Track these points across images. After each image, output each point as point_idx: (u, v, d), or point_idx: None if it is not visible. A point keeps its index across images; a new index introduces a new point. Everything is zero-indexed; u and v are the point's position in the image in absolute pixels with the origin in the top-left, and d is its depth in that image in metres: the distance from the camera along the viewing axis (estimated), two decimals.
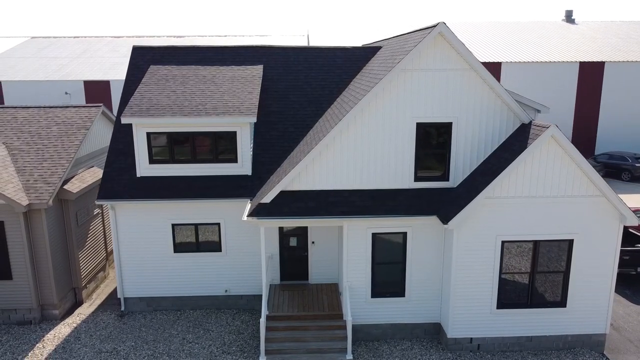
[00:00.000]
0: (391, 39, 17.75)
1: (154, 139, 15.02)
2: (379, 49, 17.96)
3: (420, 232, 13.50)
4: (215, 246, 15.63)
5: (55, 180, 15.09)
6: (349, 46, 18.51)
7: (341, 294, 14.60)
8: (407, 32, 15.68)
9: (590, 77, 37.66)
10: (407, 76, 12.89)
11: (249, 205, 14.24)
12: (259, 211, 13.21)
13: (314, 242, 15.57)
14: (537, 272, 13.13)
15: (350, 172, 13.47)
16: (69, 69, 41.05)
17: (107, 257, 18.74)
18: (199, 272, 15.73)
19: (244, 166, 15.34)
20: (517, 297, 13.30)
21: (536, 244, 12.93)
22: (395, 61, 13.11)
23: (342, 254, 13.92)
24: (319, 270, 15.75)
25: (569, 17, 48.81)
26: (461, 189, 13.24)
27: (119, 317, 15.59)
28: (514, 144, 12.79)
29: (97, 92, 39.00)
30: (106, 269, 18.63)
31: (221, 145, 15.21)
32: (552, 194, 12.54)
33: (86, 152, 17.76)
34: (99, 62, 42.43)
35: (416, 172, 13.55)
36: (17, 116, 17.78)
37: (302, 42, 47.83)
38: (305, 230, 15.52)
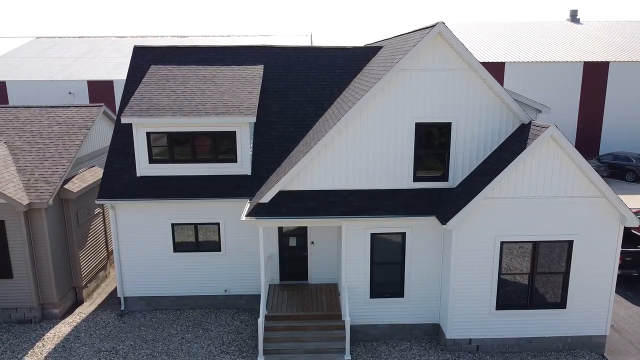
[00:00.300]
0: (392, 38, 17.71)
1: (153, 138, 15.05)
2: (379, 48, 17.93)
3: (419, 232, 13.46)
4: (214, 246, 15.64)
5: (55, 179, 15.15)
6: (349, 46, 18.49)
7: (340, 294, 14.58)
8: (408, 32, 15.64)
9: (594, 77, 37.46)
10: (406, 76, 12.85)
11: (248, 205, 14.24)
12: (257, 211, 13.21)
13: (313, 242, 15.56)
14: (536, 273, 13.06)
15: (349, 172, 13.45)
16: (72, 69, 41.23)
17: (108, 256, 18.80)
18: (199, 272, 15.75)
19: (243, 166, 15.35)
20: (517, 298, 13.23)
21: (536, 244, 12.87)
22: (394, 61, 13.07)
23: (341, 254, 13.90)
24: (319, 270, 15.74)
25: (573, 16, 48.60)
26: (460, 189, 13.20)
27: (119, 316, 15.63)
28: (513, 144, 12.73)
29: (101, 92, 39.15)
30: (107, 268, 18.69)
31: (221, 145, 15.23)
32: (552, 195, 12.47)
33: (87, 151, 17.82)
34: (102, 62, 42.59)
35: (415, 172, 13.51)
36: (19, 116, 17.87)
37: (306, 43, 47.84)
38: (304, 230, 15.51)
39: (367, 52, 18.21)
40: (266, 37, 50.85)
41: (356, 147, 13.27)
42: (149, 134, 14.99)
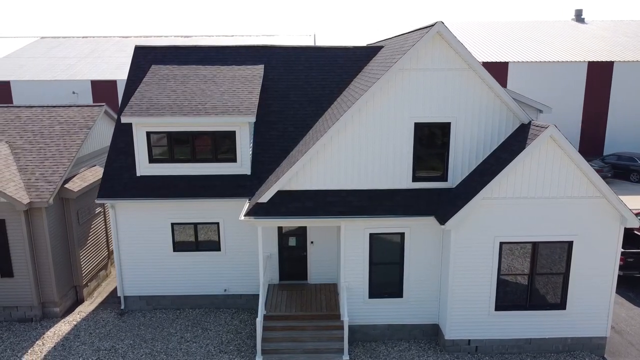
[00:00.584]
0: (392, 38, 17.68)
1: (153, 138, 15.08)
2: (380, 48, 17.90)
3: (418, 232, 13.42)
4: (214, 245, 15.66)
5: (56, 179, 15.20)
6: (349, 46, 18.45)
7: (339, 294, 14.55)
8: (408, 32, 15.60)
9: (599, 76, 37.26)
10: (405, 76, 12.82)
11: (247, 204, 14.25)
12: (256, 211, 13.22)
13: (312, 242, 15.54)
14: (536, 274, 12.99)
15: (347, 171, 13.43)
16: (76, 69, 41.40)
17: (109, 255, 18.86)
18: (198, 272, 15.76)
19: (243, 166, 15.36)
20: (516, 299, 13.17)
21: (535, 245, 12.80)
22: (393, 61, 13.04)
23: (340, 254, 13.88)
24: (318, 270, 15.73)
25: (578, 16, 48.38)
26: (460, 190, 13.15)
27: (119, 315, 15.68)
28: (512, 144, 12.67)
29: (104, 91, 39.30)
30: (108, 268, 18.75)
31: (221, 144, 15.24)
32: (551, 195, 12.40)
33: (88, 151, 17.88)
34: (106, 62, 42.76)
35: (414, 172, 13.47)
36: (21, 115, 17.95)
37: (309, 43, 47.84)
38: (304, 230, 15.50)
39: (368, 52, 18.18)
40: (269, 37, 50.89)
41: (355, 147, 13.25)
42: (149, 134, 15.03)
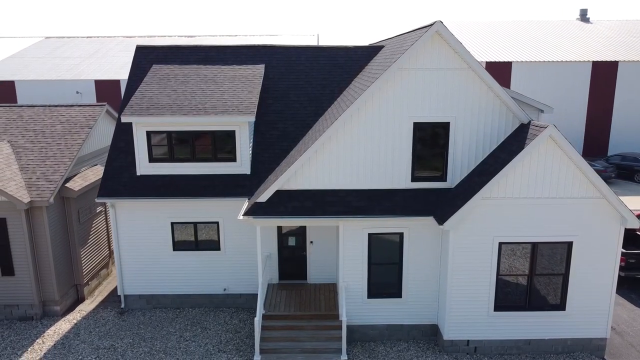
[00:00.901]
0: (393, 38, 17.65)
1: (153, 137, 15.12)
2: (381, 48, 17.87)
3: (417, 232, 13.39)
4: (214, 245, 15.68)
5: (57, 178, 15.27)
6: (350, 45, 18.43)
7: (338, 294, 14.54)
8: (408, 32, 15.57)
9: (603, 76, 37.04)
10: (404, 75, 12.79)
11: (246, 204, 14.25)
12: (254, 210, 13.22)
13: (312, 242, 15.54)
14: (535, 275, 12.93)
15: (346, 171, 13.41)
16: (80, 69, 41.58)
17: (110, 254, 18.92)
18: (198, 271, 15.79)
19: (242, 165, 15.37)
20: (515, 300, 13.11)
21: (534, 245, 12.73)
22: (392, 60, 13.01)
23: (339, 254, 13.86)
24: (318, 269, 15.72)
25: (583, 16, 48.14)
26: (459, 190, 13.10)
27: (119, 314, 15.73)
28: (512, 144, 12.61)
29: (108, 91, 39.45)
30: (109, 267, 18.81)
31: (220, 144, 15.25)
32: (551, 195, 12.33)
33: (90, 150, 17.95)
34: (110, 62, 42.92)
35: (413, 172, 13.44)
36: (23, 115, 18.04)
37: (313, 43, 47.84)
38: (303, 229, 15.50)
39: (369, 52, 18.15)
40: (273, 37, 50.93)
41: (354, 146, 13.23)
42: (149, 133, 15.06)
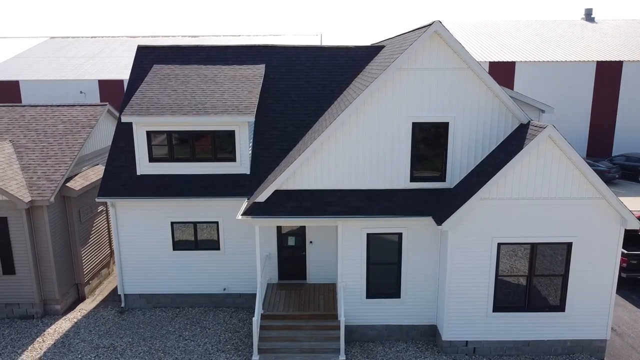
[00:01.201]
0: (394, 38, 17.62)
1: (154, 137, 15.17)
2: (381, 48, 17.84)
3: (415, 233, 13.36)
4: (213, 244, 15.71)
5: (57, 177, 15.34)
6: (351, 45, 18.42)
7: (337, 294, 14.53)
8: (408, 31, 15.54)
9: (607, 76, 36.85)
10: (403, 75, 12.77)
11: (245, 203, 14.27)
12: (253, 210, 13.24)
13: (312, 242, 15.54)
14: (534, 275, 12.88)
15: (345, 171, 13.40)
16: (84, 69, 41.77)
17: (111, 254, 18.99)
18: (198, 270, 15.82)
19: (242, 165, 15.39)
20: (514, 300, 13.06)
21: (534, 246, 12.68)
22: (391, 60, 12.99)
23: (338, 254, 13.85)
24: (317, 269, 15.72)
25: (588, 15, 47.93)
26: (457, 190, 13.06)
27: (119, 313, 15.78)
28: (511, 144, 12.57)
29: (111, 91, 39.61)
30: (110, 266, 18.88)
31: (220, 144, 15.28)
32: (550, 195, 12.28)
33: (91, 150, 18.02)
34: (113, 62, 43.08)
35: (412, 172, 13.41)
36: (25, 114, 18.14)
37: (316, 43, 47.84)
38: (303, 229, 15.50)
39: (369, 52, 18.14)
40: (276, 37, 50.97)
41: (352, 146, 13.22)
42: (149, 133, 15.11)
